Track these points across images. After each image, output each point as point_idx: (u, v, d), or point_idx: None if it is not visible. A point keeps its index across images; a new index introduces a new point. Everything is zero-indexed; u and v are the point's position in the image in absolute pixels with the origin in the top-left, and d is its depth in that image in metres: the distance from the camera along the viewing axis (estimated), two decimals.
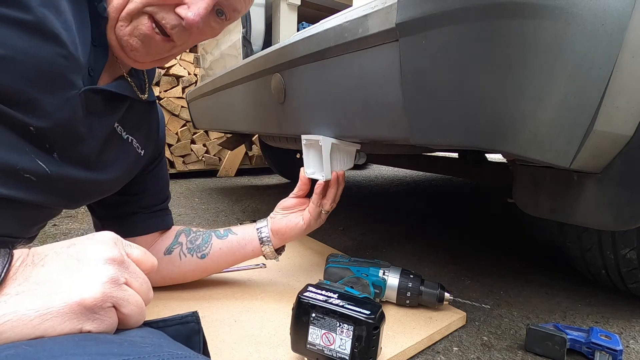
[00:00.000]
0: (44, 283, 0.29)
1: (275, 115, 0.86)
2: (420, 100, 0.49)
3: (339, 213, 1.60)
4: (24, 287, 0.29)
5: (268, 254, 0.75)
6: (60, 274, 0.30)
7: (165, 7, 0.50)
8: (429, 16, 0.44)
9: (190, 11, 0.49)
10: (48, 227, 1.34)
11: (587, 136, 0.43)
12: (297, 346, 0.55)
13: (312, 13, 1.19)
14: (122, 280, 0.32)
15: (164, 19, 0.50)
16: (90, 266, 0.31)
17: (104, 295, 0.30)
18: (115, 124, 0.59)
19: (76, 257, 0.31)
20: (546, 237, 0.92)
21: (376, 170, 3.58)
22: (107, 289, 0.30)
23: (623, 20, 0.39)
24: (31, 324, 0.28)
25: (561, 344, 0.63)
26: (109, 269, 0.31)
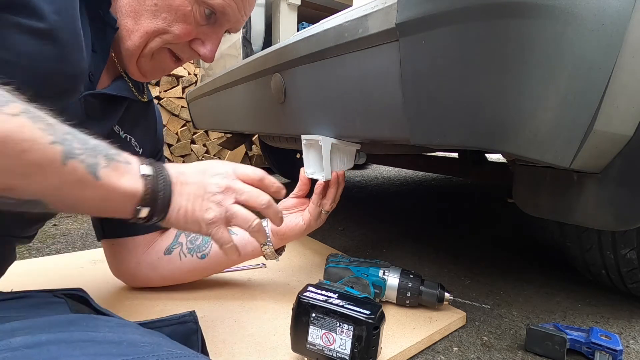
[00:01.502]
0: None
1: (275, 115, 0.85)
2: (420, 100, 0.49)
3: (339, 213, 1.60)
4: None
5: (268, 254, 0.75)
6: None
7: (182, 44, 0.56)
8: (428, 16, 0.44)
9: (205, 48, 0.56)
10: (48, 227, 1.34)
11: (587, 136, 0.43)
12: (297, 346, 0.55)
13: (312, 13, 1.19)
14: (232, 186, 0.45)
15: (181, 53, 0.57)
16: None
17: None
18: (114, 125, 0.59)
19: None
20: (546, 237, 0.92)
21: (376, 170, 3.57)
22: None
23: (623, 20, 0.39)
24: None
25: (561, 344, 0.63)
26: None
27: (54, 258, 0.97)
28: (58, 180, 0.31)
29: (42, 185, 0.31)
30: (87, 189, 0.34)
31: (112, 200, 0.36)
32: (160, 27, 0.52)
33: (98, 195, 0.35)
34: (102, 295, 0.74)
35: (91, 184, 0.33)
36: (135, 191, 0.37)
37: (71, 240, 1.20)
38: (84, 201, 0.35)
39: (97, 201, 0.36)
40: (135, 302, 0.71)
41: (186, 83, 2.56)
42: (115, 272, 0.75)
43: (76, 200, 0.34)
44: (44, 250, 1.09)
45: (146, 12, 0.51)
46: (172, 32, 0.53)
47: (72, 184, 0.32)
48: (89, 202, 0.35)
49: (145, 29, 0.52)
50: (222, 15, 0.55)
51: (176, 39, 0.54)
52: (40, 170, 0.30)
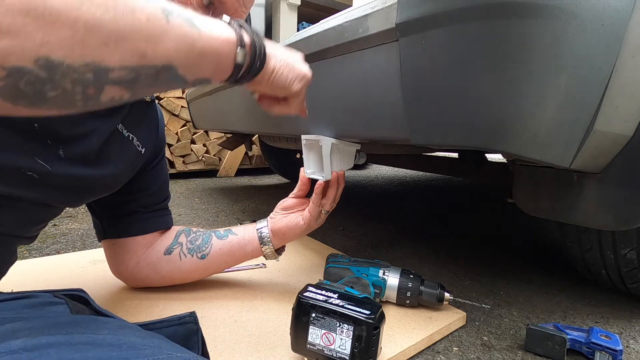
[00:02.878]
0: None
1: (275, 115, 0.85)
2: (420, 100, 0.49)
3: (339, 213, 1.60)
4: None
5: (268, 254, 0.75)
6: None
7: None
8: (429, 16, 0.44)
9: None
10: (48, 227, 1.33)
11: (587, 136, 0.43)
12: (297, 346, 0.55)
13: (312, 13, 1.20)
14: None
15: None
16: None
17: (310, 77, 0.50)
18: (117, 124, 0.59)
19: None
20: (546, 237, 0.92)
21: (376, 170, 3.58)
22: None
23: (623, 20, 0.39)
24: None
25: (561, 344, 0.63)
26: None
27: (54, 258, 0.97)
28: (171, 36, 0.31)
29: (163, 46, 0.31)
30: (196, 42, 0.34)
31: (216, 51, 0.36)
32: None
33: (206, 46, 0.35)
34: (102, 295, 0.74)
35: (196, 36, 0.34)
36: (230, 37, 0.38)
37: (71, 240, 1.20)
38: (199, 57, 0.35)
39: (208, 54, 0.36)
40: (135, 303, 0.71)
41: None
42: (116, 273, 0.75)
43: (194, 57, 0.34)
44: (44, 250, 1.09)
45: None
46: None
47: (182, 38, 0.32)
48: (202, 59, 0.35)
49: None
50: (220, 4, 0.54)
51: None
52: (153, 28, 0.30)
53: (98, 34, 0.27)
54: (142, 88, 0.32)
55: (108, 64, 0.28)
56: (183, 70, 0.34)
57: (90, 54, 0.27)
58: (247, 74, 0.41)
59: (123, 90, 0.31)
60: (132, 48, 0.29)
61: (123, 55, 0.29)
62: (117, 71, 0.29)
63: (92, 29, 0.26)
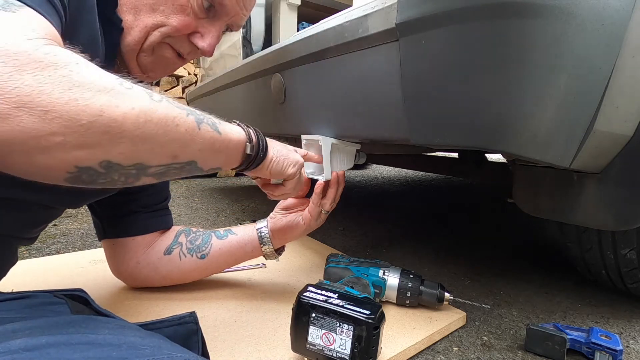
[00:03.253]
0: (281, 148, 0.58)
1: (275, 115, 0.85)
2: (420, 100, 0.49)
3: (339, 213, 1.60)
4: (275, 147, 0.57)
5: (268, 254, 0.75)
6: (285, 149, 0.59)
7: (181, 37, 0.55)
8: (428, 16, 0.44)
9: (204, 42, 0.56)
10: (48, 227, 1.33)
11: (587, 136, 0.43)
12: (297, 346, 0.55)
13: (312, 13, 1.19)
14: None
15: (181, 48, 0.56)
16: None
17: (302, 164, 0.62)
18: None
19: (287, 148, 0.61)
20: (546, 237, 0.92)
21: (376, 170, 3.58)
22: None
23: (623, 20, 0.39)
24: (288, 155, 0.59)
25: (561, 344, 0.63)
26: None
27: (54, 258, 0.97)
28: (200, 141, 0.41)
29: (192, 149, 0.41)
30: (216, 143, 0.44)
31: (229, 149, 0.47)
32: (158, 20, 0.52)
33: (223, 146, 0.46)
34: (102, 295, 0.74)
35: (217, 138, 0.44)
36: (241, 137, 0.49)
37: (71, 240, 1.20)
38: (215, 153, 0.45)
39: (223, 152, 0.46)
40: (135, 303, 0.71)
41: (186, 83, 2.56)
42: (115, 272, 0.75)
43: (213, 154, 0.45)
44: (44, 250, 1.09)
45: (145, 6, 0.51)
46: (169, 24, 0.52)
47: (207, 141, 0.42)
48: (219, 155, 0.46)
49: (144, 23, 0.52)
50: (220, 7, 0.55)
51: (174, 31, 0.53)
52: (189, 137, 0.39)
53: (150, 144, 0.35)
54: (167, 177, 0.41)
55: (149, 164, 0.37)
56: (202, 164, 0.43)
57: (140, 158, 0.36)
58: (252, 163, 0.52)
59: (153, 179, 0.40)
60: (169, 152, 0.38)
61: (161, 157, 0.38)
62: (153, 168, 0.38)
63: (147, 141, 0.35)
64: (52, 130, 0.29)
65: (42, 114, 0.28)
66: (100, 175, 0.34)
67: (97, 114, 0.31)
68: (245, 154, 0.50)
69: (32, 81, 0.28)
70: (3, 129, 0.27)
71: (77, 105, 0.30)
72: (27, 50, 0.29)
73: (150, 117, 0.35)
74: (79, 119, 0.30)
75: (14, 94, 0.27)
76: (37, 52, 0.29)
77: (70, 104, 0.29)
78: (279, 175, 0.58)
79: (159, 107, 0.36)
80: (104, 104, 0.31)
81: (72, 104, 0.29)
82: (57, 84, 0.29)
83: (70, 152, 0.31)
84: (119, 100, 0.32)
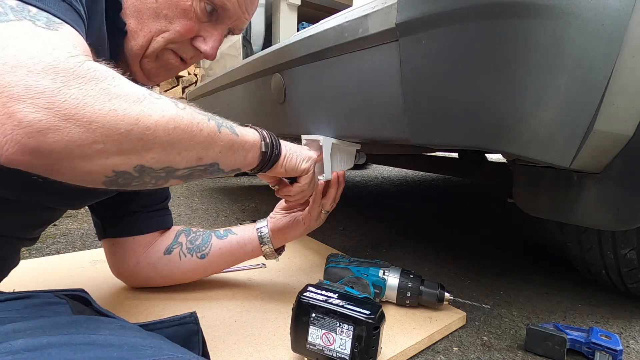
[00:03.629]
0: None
1: (275, 115, 0.86)
2: (420, 100, 0.49)
3: (339, 213, 1.60)
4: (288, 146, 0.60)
5: (268, 254, 0.75)
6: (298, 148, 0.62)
7: (184, 42, 0.56)
8: (428, 16, 0.44)
9: (207, 45, 0.57)
10: (48, 228, 1.33)
11: (587, 136, 0.43)
12: (297, 346, 0.55)
13: (312, 13, 1.19)
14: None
15: (184, 52, 0.57)
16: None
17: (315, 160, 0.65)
18: None
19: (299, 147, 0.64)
20: (546, 237, 0.92)
21: (376, 170, 3.58)
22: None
23: (623, 20, 0.39)
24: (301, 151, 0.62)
25: (561, 344, 0.63)
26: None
27: (54, 258, 0.97)
28: (220, 143, 0.45)
29: (214, 151, 0.44)
30: (235, 144, 0.48)
31: (246, 149, 0.50)
32: (162, 26, 0.52)
33: (240, 146, 0.49)
34: (102, 295, 0.74)
35: (236, 140, 0.48)
36: (256, 137, 0.53)
37: (71, 240, 1.20)
38: (234, 154, 0.48)
39: (241, 152, 0.49)
40: (135, 303, 0.71)
41: (186, 83, 2.56)
42: (115, 272, 0.75)
43: (232, 155, 0.48)
44: (44, 250, 1.09)
45: (148, 10, 0.51)
46: (173, 29, 0.53)
47: (227, 143, 0.46)
48: (237, 155, 0.49)
49: (148, 29, 0.52)
50: (222, 11, 0.55)
51: (178, 36, 0.53)
52: (211, 140, 0.43)
53: (177, 149, 0.39)
54: (192, 179, 0.45)
55: (177, 167, 0.40)
56: (223, 165, 0.47)
57: (169, 162, 0.39)
58: (268, 162, 0.55)
59: (180, 181, 0.43)
60: (194, 155, 0.41)
61: (188, 160, 0.41)
62: (181, 171, 0.41)
63: (175, 146, 0.38)
64: (95, 139, 0.32)
65: (87, 124, 0.31)
66: (134, 178, 0.37)
67: (133, 122, 0.34)
68: (261, 153, 0.54)
69: (78, 94, 0.30)
70: (54, 140, 0.29)
71: (117, 115, 0.32)
72: (73, 67, 0.31)
73: (178, 124, 0.38)
74: (118, 127, 0.32)
75: (63, 107, 0.30)
76: (80, 68, 0.32)
77: (110, 114, 0.32)
78: (293, 171, 0.60)
79: (184, 114, 0.39)
80: (139, 113, 0.34)
81: (112, 114, 0.32)
82: (99, 97, 0.32)
83: (109, 158, 0.33)
84: (151, 109, 0.35)
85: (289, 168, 0.59)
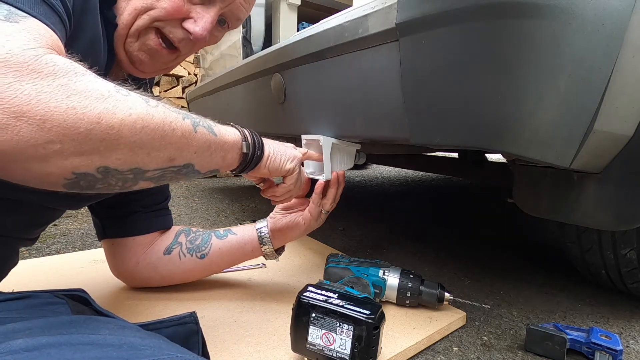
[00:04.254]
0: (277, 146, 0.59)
1: (275, 115, 0.85)
2: (420, 100, 0.49)
3: (339, 213, 1.60)
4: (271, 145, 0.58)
5: (268, 254, 0.75)
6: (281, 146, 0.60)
7: (173, 22, 0.52)
8: (428, 16, 0.44)
9: (197, 26, 0.52)
10: (48, 228, 1.33)
11: (587, 136, 0.43)
12: (297, 346, 0.55)
13: (312, 13, 1.19)
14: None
15: (172, 33, 0.53)
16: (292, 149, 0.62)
17: (301, 158, 0.62)
18: None
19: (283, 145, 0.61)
20: (546, 237, 0.92)
21: (376, 170, 3.58)
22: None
23: (623, 20, 0.39)
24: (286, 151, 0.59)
25: (561, 344, 0.63)
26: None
27: (54, 258, 0.97)
28: (196, 144, 0.42)
29: (189, 152, 0.41)
30: (212, 145, 0.45)
31: (225, 150, 0.48)
32: (148, 3, 0.50)
33: (219, 147, 0.46)
34: (102, 295, 0.74)
35: (213, 140, 0.45)
36: (237, 137, 0.50)
37: (71, 240, 1.20)
38: (212, 155, 0.45)
39: (219, 152, 0.47)
40: (135, 303, 0.71)
41: (186, 83, 2.56)
42: (115, 272, 0.75)
43: (209, 156, 0.45)
44: (44, 250, 1.09)
45: None
46: (160, 6, 0.50)
47: (203, 143, 0.43)
48: (215, 156, 0.46)
49: (134, 6, 0.50)
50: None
51: (165, 14, 0.50)
52: (186, 140, 0.40)
53: (147, 149, 0.36)
54: (164, 181, 0.42)
55: (146, 168, 0.38)
56: (199, 166, 0.44)
57: (137, 163, 0.36)
58: (250, 163, 0.53)
59: (151, 183, 0.40)
60: (166, 156, 0.39)
61: (158, 161, 0.38)
62: (151, 172, 0.39)
63: (144, 146, 0.36)
64: (50, 139, 0.29)
65: (41, 122, 0.28)
66: (98, 180, 0.34)
67: (95, 121, 0.31)
68: (242, 154, 0.51)
69: (31, 90, 0.28)
70: (2, 139, 0.27)
71: (75, 114, 0.30)
72: (27, 61, 0.29)
73: (147, 123, 0.35)
74: (77, 126, 0.30)
75: (13, 104, 0.27)
76: (37, 62, 0.29)
77: (68, 112, 0.29)
78: (277, 172, 0.58)
79: (155, 113, 0.36)
80: (102, 111, 0.32)
81: (70, 112, 0.30)
82: (56, 93, 0.29)
83: (67, 159, 0.31)
84: (116, 107, 0.33)
85: (272, 168, 0.57)
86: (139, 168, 0.37)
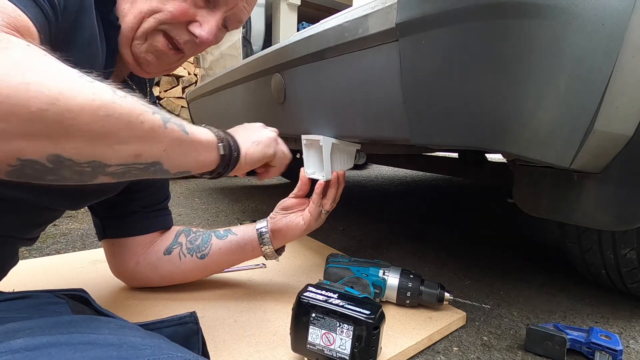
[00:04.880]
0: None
1: (275, 115, 0.85)
2: (420, 100, 0.49)
3: (339, 213, 1.60)
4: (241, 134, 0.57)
5: (268, 254, 0.75)
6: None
7: (178, 25, 0.53)
8: (428, 16, 0.44)
9: (202, 30, 0.53)
10: (48, 227, 1.33)
11: (587, 136, 0.43)
12: (297, 346, 0.55)
13: (312, 13, 1.19)
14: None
15: (178, 36, 0.54)
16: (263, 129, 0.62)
17: (276, 135, 0.62)
18: None
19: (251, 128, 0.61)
20: (546, 237, 0.92)
21: (376, 170, 3.58)
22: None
23: (623, 20, 0.39)
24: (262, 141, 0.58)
25: (561, 344, 0.63)
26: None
27: (54, 258, 0.97)
28: (165, 140, 0.38)
29: (157, 149, 0.38)
30: (184, 143, 0.42)
31: (198, 150, 0.45)
32: (154, 6, 0.50)
33: (191, 146, 0.43)
34: (102, 295, 0.74)
35: (185, 138, 0.42)
36: (211, 138, 0.48)
37: (71, 240, 1.20)
38: (183, 154, 0.42)
39: (191, 152, 0.44)
40: (135, 303, 0.71)
41: (186, 83, 2.56)
42: (115, 272, 0.75)
43: (180, 155, 0.42)
44: (44, 250, 1.09)
45: None
46: (166, 9, 0.50)
47: (173, 141, 0.40)
48: (186, 156, 0.43)
49: (139, 9, 0.50)
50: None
51: (170, 17, 0.51)
52: (154, 134, 0.37)
53: (109, 141, 0.32)
54: (128, 178, 0.38)
55: (107, 162, 0.34)
56: (167, 166, 0.41)
57: (96, 155, 0.32)
58: (229, 165, 0.51)
59: (111, 179, 0.36)
60: (131, 150, 0.35)
61: (122, 156, 0.34)
62: (113, 167, 0.35)
63: (106, 137, 0.32)
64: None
65: None
66: (48, 170, 0.30)
67: (50, 101, 0.27)
68: (219, 156, 0.49)
69: None
70: None
71: (28, 90, 0.26)
72: None
73: (111, 112, 0.32)
74: (28, 104, 0.26)
75: None
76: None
77: (20, 87, 0.26)
78: (260, 162, 0.58)
79: (122, 102, 0.33)
80: (61, 91, 0.28)
81: (22, 87, 0.26)
82: (6, 67, 0.26)
83: (12, 142, 0.27)
84: (79, 90, 0.29)
85: (254, 161, 0.56)
86: (99, 161, 0.33)
